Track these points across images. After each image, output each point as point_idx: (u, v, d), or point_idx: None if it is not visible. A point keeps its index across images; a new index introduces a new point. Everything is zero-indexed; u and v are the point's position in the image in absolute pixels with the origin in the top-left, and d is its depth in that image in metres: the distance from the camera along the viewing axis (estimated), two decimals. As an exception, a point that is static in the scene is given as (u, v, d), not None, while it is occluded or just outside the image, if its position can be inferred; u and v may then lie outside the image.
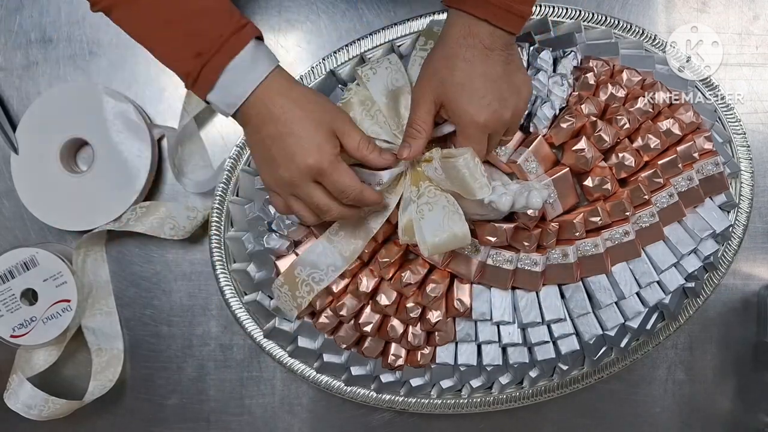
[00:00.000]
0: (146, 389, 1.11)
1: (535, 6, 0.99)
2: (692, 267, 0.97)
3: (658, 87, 0.95)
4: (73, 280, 1.03)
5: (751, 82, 1.08)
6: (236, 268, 1.03)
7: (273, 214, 0.95)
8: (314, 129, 0.78)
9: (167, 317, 1.10)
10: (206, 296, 1.09)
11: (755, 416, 1.12)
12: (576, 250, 0.93)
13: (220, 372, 1.10)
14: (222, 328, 1.08)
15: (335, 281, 0.93)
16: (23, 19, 1.08)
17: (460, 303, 0.94)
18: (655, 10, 1.07)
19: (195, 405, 1.11)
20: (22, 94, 1.08)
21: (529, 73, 0.94)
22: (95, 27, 1.08)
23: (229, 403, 1.11)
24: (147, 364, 1.10)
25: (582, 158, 0.91)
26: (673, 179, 0.95)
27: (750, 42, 1.08)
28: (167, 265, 1.09)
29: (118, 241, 1.09)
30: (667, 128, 0.94)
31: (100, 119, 1.04)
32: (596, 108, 0.93)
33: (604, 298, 0.95)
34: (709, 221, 0.97)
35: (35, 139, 1.05)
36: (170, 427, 1.11)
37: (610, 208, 0.92)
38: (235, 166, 1.02)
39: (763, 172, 1.08)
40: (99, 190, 1.04)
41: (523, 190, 0.84)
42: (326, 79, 1.02)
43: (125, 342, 1.09)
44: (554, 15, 1.01)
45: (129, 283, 1.09)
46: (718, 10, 1.08)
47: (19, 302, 1.03)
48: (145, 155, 1.04)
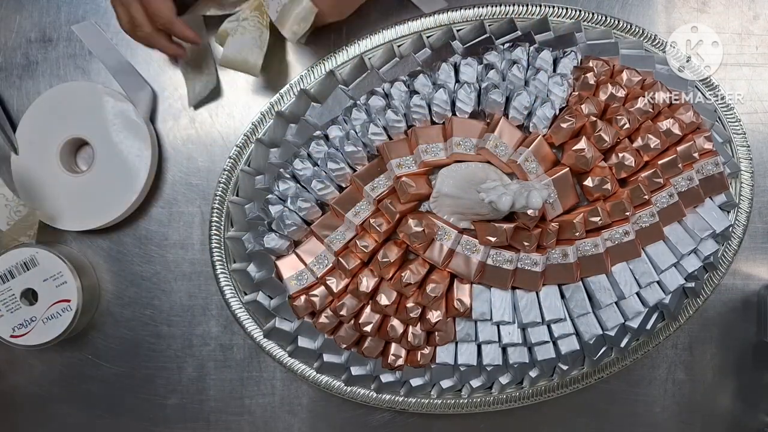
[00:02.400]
0: (146, 389, 1.11)
1: (535, 6, 1.01)
2: (692, 267, 0.97)
3: (658, 87, 0.95)
4: (74, 280, 1.03)
5: (751, 82, 1.08)
6: (236, 268, 1.03)
7: (273, 214, 0.96)
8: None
9: (167, 317, 1.09)
10: (206, 296, 1.09)
11: (755, 416, 1.11)
12: (576, 250, 0.92)
13: (220, 372, 1.10)
14: (222, 328, 1.08)
15: (335, 281, 0.94)
16: (23, 19, 1.08)
17: (460, 303, 0.94)
18: (655, 10, 1.07)
19: (195, 405, 1.11)
20: (22, 94, 1.08)
21: (529, 74, 0.95)
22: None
23: (229, 403, 1.11)
24: (147, 364, 1.10)
25: (582, 158, 0.91)
26: (673, 179, 0.95)
27: (750, 42, 1.08)
28: (167, 265, 1.09)
29: (118, 241, 1.09)
30: (667, 128, 0.94)
31: (100, 119, 1.04)
32: (596, 108, 0.92)
33: (604, 298, 0.95)
34: (709, 221, 0.97)
35: (35, 139, 1.05)
36: (170, 427, 1.11)
37: (610, 208, 0.92)
38: (235, 166, 1.02)
39: (763, 171, 1.08)
40: (99, 190, 1.04)
41: (523, 190, 0.84)
42: (326, 78, 1.02)
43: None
44: (554, 15, 1.01)
45: (129, 283, 1.09)
46: (718, 10, 1.08)
47: (19, 302, 1.03)
48: (145, 155, 1.04)
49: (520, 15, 1.02)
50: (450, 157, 0.92)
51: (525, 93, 0.92)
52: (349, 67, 1.02)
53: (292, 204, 0.95)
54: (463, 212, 0.93)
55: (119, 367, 1.10)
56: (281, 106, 1.02)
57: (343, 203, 0.94)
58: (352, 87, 1.00)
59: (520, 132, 0.93)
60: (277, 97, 1.02)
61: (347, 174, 0.95)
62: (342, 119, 0.97)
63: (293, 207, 0.95)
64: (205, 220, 1.07)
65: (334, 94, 0.99)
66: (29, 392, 1.07)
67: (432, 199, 0.93)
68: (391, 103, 0.95)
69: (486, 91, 0.93)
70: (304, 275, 0.96)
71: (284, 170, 0.97)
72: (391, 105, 0.95)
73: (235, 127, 1.06)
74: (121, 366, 1.10)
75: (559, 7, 1.01)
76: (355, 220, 0.93)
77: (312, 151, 0.96)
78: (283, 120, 1.02)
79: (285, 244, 0.96)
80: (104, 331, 1.10)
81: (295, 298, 0.96)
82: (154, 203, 1.08)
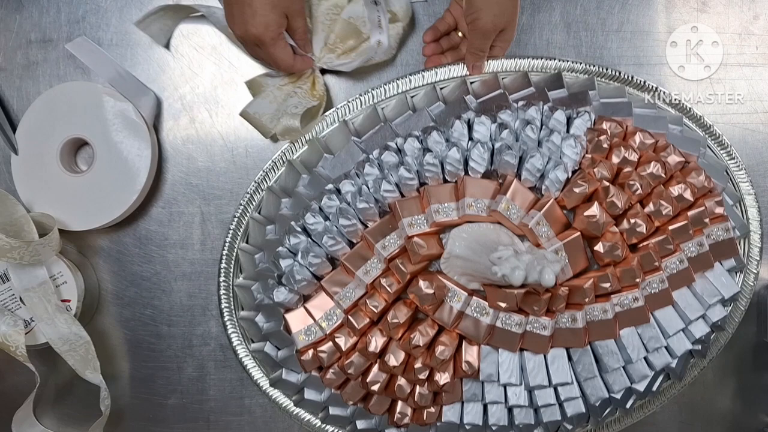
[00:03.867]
0: (146, 389, 1.11)
1: (548, 60, 1.02)
2: (700, 332, 0.98)
3: (670, 150, 0.96)
4: (74, 280, 1.03)
5: (751, 82, 1.08)
6: (244, 317, 1.03)
7: (283, 268, 0.96)
8: (270, 8, 0.90)
9: (167, 317, 1.10)
10: (206, 296, 1.09)
11: (755, 416, 1.12)
12: (585, 315, 0.93)
13: (220, 372, 1.10)
14: (222, 328, 1.07)
15: (344, 339, 0.95)
16: (23, 19, 1.08)
17: (468, 365, 0.94)
18: (655, 10, 1.08)
19: (195, 405, 1.11)
20: (22, 94, 1.08)
21: (542, 134, 0.95)
22: (95, 27, 1.08)
23: (229, 403, 1.11)
24: (147, 364, 1.10)
25: (594, 224, 0.91)
26: (683, 244, 0.95)
27: (750, 42, 1.08)
28: (167, 265, 1.09)
29: (118, 241, 1.08)
30: (679, 194, 0.94)
31: (100, 119, 1.03)
32: (609, 172, 0.93)
33: (612, 362, 0.95)
34: (717, 287, 0.97)
35: (35, 139, 1.04)
36: (170, 427, 1.11)
37: (620, 273, 0.93)
38: (246, 212, 1.02)
39: (763, 171, 1.08)
40: (99, 189, 1.03)
41: (536, 263, 0.84)
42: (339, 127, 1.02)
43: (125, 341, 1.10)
44: (568, 69, 1.02)
45: (129, 283, 1.09)
46: (718, 10, 1.08)
47: (20, 302, 1.02)
48: (145, 155, 1.03)
49: (534, 68, 1.02)
50: (462, 217, 0.92)
51: (538, 155, 0.92)
52: (362, 116, 1.02)
53: (303, 259, 0.95)
54: (473, 274, 0.93)
55: (119, 367, 1.10)
56: (293, 153, 1.03)
57: (353, 260, 0.94)
58: (364, 139, 1.00)
59: (532, 194, 0.93)
60: (289, 144, 1.02)
61: (359, 230, 0.95)
62: (354, 173, 0.97)
63: (304, 262, 0.95)
64: (205, 220, 1.08)
65: (348, 147, 0.99)
66: (26, 392, 1.06)
67: (443, 260, 0.94)
68: (404, 160, 0.95)
69: (499, 151, 0.93)
70: (312, 330, 0.96)
71: (295, 223, 0.97)
72: (404, 162, 0.95)
73: (235, 126, 1.06)
74: (121, 366, 1.10)
75: (573, 62, 1.02)
76: (365, 278, 0.94)
77: (324, 205, 0.96)
78: (295, 169, 1.02)
79: (294, 298, 0.96)
80: (104, 330, 1.10)
81: (304, 352, 0.97)
82: (154, 203, 1.08)
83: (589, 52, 1.08)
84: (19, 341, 0.99)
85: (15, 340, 0.99)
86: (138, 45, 1.03)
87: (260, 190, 1.03)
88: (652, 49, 1.07)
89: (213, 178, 1.08)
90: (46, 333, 1.01)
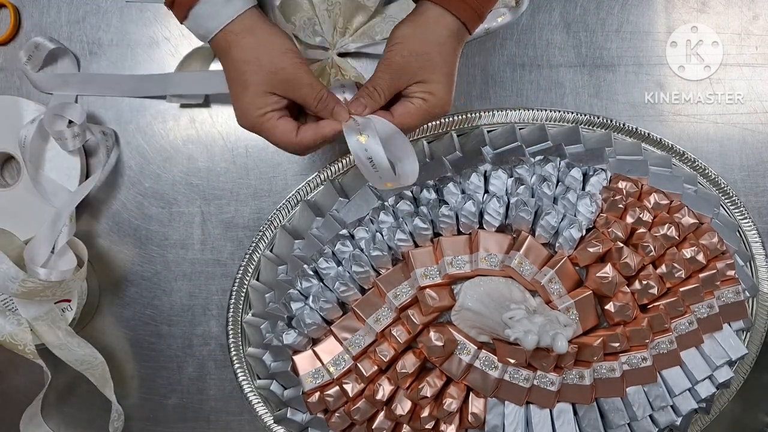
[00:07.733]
0: (146, 389, 1.11)
1: (565, 112, 1.02)
2: (706, 392, 0.99)
3: (684, 212, 0.96)
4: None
5: (751, 82, 1.07)
6: (252, 354, 1.03)
7: (294, 311, 0.96)
8: (241, 91, 0.80)
9: (167, 317, 1.09)
10: (206, 296, 1.09)
11: (755, 416, 1.12)
12: (593, 372, 0.93)
13: (220, 372, 1.10)
14: (222, 328, 1.08)
15: (351, 385, 0.95)
16: (23, 19, 1.07)
17: (474, 417, 0.94)
18: (655, 10, 1.07)
19: (195, 405, 1.11)
20: (21, 94, 1.06)
21: (558, 190, 0.95)
22: (95, 27, 1.06)
23: (229, 403, 1.11)
24: (147, 364, 1.10)
25: (607, 285, 0.91)
26: (693, 306, 0.95)
27: (750, 42, 1.07)
28: (167, 265, 1.09)
29: (118, 241, 1.08)
30: (692, 256, 0.94)
31: (19, 129, 1.01)
32: (623, 232, 0.93)
33: (617, 419, 0.96)
34: (726, 348, 0.98)
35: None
36: (170, 427, 1.12)
37: (630, 333, 0.93)
38: (258, 249, 1.02)
39: (763, 171, 1.08)
40: (32, 201, 1.02)
41: (549, 328, 0.84)
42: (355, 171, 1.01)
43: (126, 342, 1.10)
44: (585, 123, 1.02)
45: (129, 283, 1.09)
46: (718, 10, 1.07)
47: (19, 302, 1.02)
48: (73, 160, 1.02)
49: (551, 120, 1.02)
50: (474, 270, 0.92)
51: (554, 212, 0.92)
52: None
53: (314, 303, 0.95)
54: (483, 328, 0.93)
55: (119, 367, 1.10)
56: (307, 193, 1.02)
57: (364, 307, 0.94)
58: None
59: (546, 251, 0.93)
60: (304, 184, 1.02)
61: (371, 276, 0.94)
62: (369, 219, 0.96)
63: (315, 306, 0.95)
64: (206, 220, 1.07)
65: (363, 192, 0.99)
66: (29, 392, 1.08)
67: (454, 312, 0.93)
68: (419, 210, 0.94)
69: (515, 207, 0.93)
70: (320, 373, 0.96)
71: (308, 267, 0.97)
72: (419, 212, 0.94)
73: (235, 126, 1.02)
74: (121, 365, 1.10)
75: (590, 115, 1.02)
76: (375, 326, 0.94)
77: (337, 251, 0.95)
78: (309, 210, 1.01)
79: (303, 341, 0.96)
80: (104, 330, 1.10)
81: (310, 395, 0.97)
82: (155, 203, 1.08)
83: (589, 52, 1.07)
84: (27, 339, 0.99)
85: (22, 338, 0.99)
86: (138, 45, 1.02)
87: (273, 228, 1.03)
88: (651, 49, 1.06)
89: (213, 178, 1.07)
90: (62, 357, 1.01)
